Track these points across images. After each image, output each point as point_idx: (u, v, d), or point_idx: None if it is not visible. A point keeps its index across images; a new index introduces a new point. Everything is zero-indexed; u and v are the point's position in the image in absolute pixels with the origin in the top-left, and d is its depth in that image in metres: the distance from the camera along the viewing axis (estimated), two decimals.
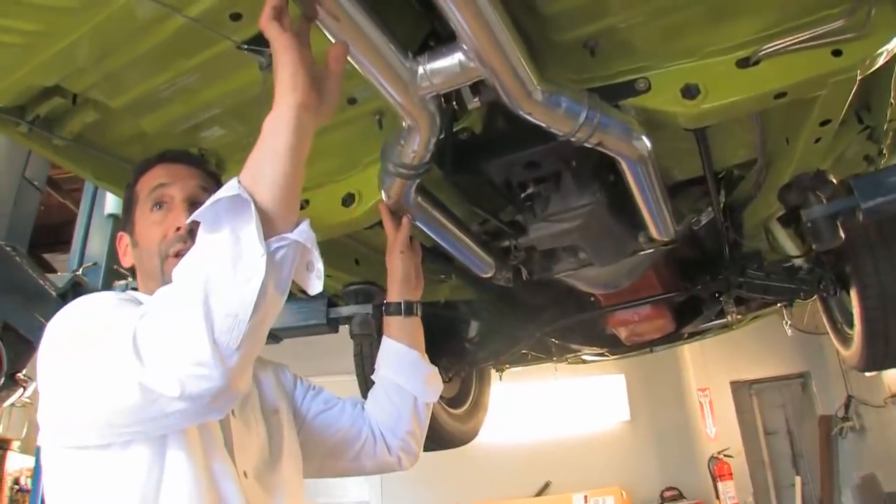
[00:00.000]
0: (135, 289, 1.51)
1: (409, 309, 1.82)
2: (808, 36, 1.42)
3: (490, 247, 2.22)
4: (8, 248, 2.87)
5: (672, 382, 6.96)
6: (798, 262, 2.60)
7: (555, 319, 2.97)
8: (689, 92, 1.51)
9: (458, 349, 3.20)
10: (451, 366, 3.16)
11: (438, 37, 1.42)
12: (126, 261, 1.51)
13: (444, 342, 3.15)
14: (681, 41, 1.52)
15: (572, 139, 1.49)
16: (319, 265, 1.15)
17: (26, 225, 3.73)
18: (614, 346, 3.31)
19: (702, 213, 2.22)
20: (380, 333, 1.88)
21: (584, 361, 3.67)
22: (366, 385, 2.77)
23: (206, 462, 1.23)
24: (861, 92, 1.76)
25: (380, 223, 1.84)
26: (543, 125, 1.46)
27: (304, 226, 1.11)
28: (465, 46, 1.27)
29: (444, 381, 3.19)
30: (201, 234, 1.07)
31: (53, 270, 5.29)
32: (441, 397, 3.21)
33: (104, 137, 1.79)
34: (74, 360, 1.14)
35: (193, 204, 1.38)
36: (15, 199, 3.64)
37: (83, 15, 1.32)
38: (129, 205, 1.49)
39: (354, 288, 2.40)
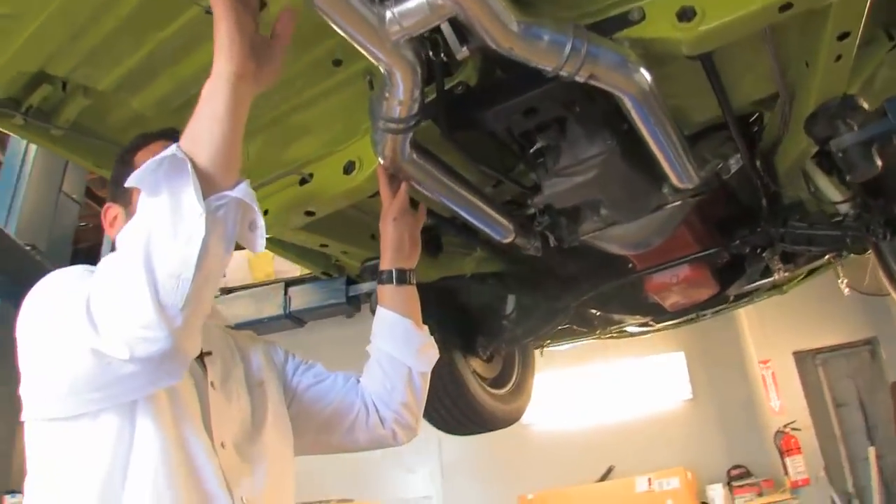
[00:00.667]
0: None
1: (401, 277, 1.76)
2: None
3: (513, 215, 2.13)
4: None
5: (732, 356, 6.70)
6: (844, 209, 2.42)
7: (590, 289, 2.84)
8: (686, 14, 1.38)
9: (495, 327, 3.08)
10: (489, 344, 3.06)
11: None
12: (112, 232, 1.46)
13: (480, 320, 3.06)
14: None
15: (562, 73, 1.38)
16: (261, 222, 1.15)
17: (66, 238, 3.77)
18: (659, 315, 3.17)
19: (729, 159, 2.08)
20: None
21: (630, 334, 3.51)
22: None
23: (178, 432, 1.22)
24: (889, 4, 1.62)
25: None
26: (527, 61, 1.36)
27: (244, 185, 1.13)
28: None
29: (483, 361, 3.16)
30: (142, 198, 1.09)
31: None
32: (483, 378, 3.14)
33: (101, 124, 1.79)
34: (39, 333, 1.17)
35: None
36: (54, 213, 3.69)
37: None
38: (124, 177, 1.45)
39: (372, 263, 2.33)
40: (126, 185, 1.13)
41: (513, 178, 2.05)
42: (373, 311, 2.38)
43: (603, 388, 6.64)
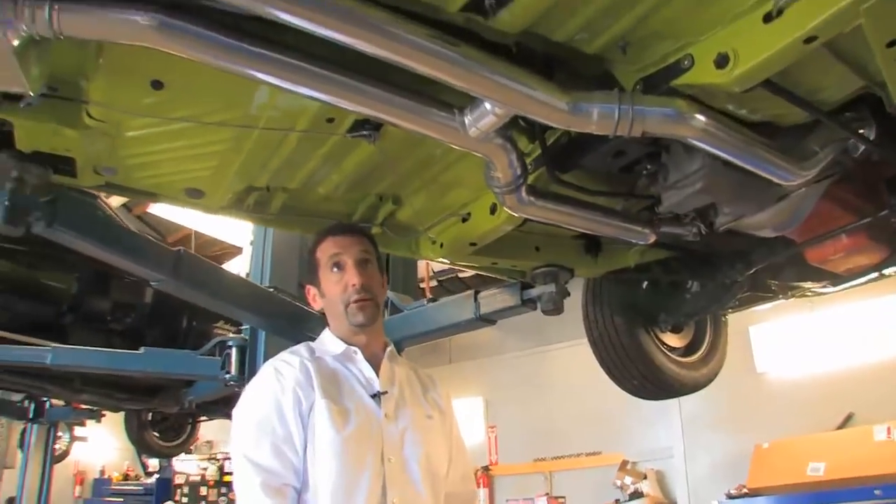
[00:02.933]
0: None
1: None
2: None
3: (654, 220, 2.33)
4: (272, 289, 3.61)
5: None
6: None
7: (754, 264, 2.93)
8: (721, 62, 1.54)
9: (675, 304, 3.26)
10: (670, 318, 3.25)
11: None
12: (315, 306, 2.01)
13: (661, 300, 3.26)
14: (707, 10, 1.53)
15: (621, 135, 1.61)
16: None
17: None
18: (836, 279, 3.14)
19: (845, 146, 2.11)
20: None
21: (815, 294, 3.45)
22: None
23: (357, 449, 1.76)
24: None
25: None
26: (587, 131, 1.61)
27: None
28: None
29: (672, 333, 3.34)
30: None
31: None
32: (672, 348, 3.33)
33: (301, 205, 2.34)
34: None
35: (360, 262, 1.90)
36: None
37: (243, 142, 1.90)
38: (313, 268, 1.97)
39: (540, 271, 2.66)
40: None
41: (636, 194, 2.25)
42: (544, 312, 2.73)
43: (841, 332, 6.25)
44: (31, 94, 1.47)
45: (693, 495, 6.79)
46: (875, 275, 3.15)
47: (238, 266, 6.21)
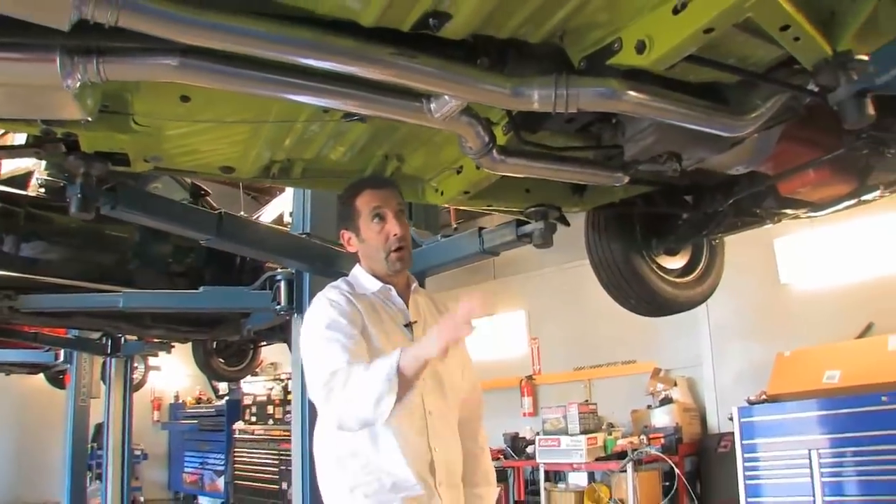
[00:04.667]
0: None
1: None
2: None
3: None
4: (305, 235, 4.11)
5: None
6: None
7: (734, 194, 3.21)
8: (640, 47, 1.83)
9: (666, 230, 3.59)
10: (662, 244, 3.59)
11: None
12: (350, 249, 2.37)
13: (652, 226, 3.59)
14: (629, 2, 1.80)
15: (561, 112, 1.93)
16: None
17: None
18: (814, 207, 3.40)
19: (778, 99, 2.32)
20: None
21: (799, 217, 3.69)
22: None
23: (408, 407, 2.09)
24: None
25: None
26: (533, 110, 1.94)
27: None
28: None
29: (667, 255, 3.67)
30: (379, 374, 1.91)
31: None
32: (666, 269, 3.67)
33: (319, 169, 2.75)
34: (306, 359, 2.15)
35: (399, 213, 2.24)
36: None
37: (260, 131, 2.36)
38: (350, 214, 2.32)
39: (531, 210, 3.03)
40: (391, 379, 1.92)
41: (604, 145, 2.56)
42: (536, 246, 3.10)
43: (864, 244, 6.35)
44: (90, 119, 1.90)
45: (720, 401, 7.13)
46: (854, 201, 3.40)
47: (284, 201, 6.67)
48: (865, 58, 1.98)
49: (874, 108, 2.03)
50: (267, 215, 7.12)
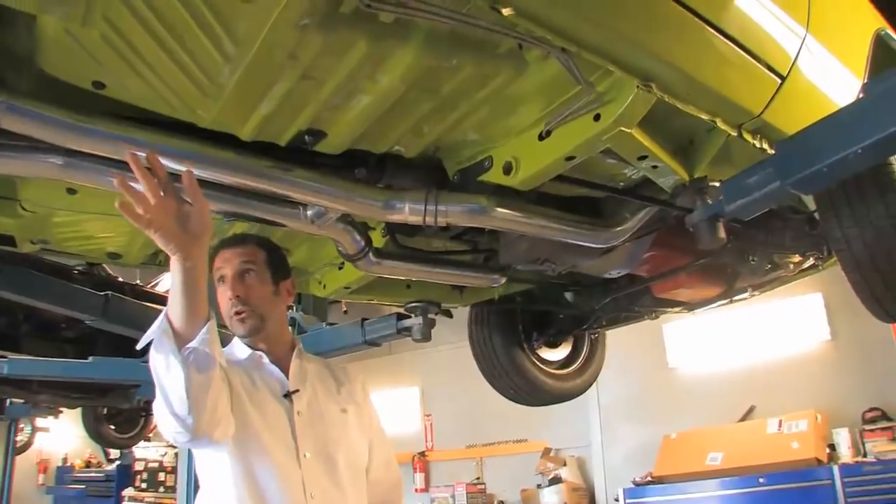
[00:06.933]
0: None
1: None
2: (574, 108, 1.70)
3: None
4: None
5: None
6: None
7: (611, 293, 3.34)
8: (507, 168, 1.92)
9: (546, 325, 3.70)
10: (542, 337, 3.69)
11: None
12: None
13: (532, 321, 3.69)
14: (499, 124, 1.89)
15: (431, 225, 1.98)
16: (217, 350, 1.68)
17: None
18: (686, 306, 3.57)
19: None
20: None
21: (664, 312, 3.85)
22: None
23: (273, 447, 1.83)
24: None
25: None
26: (405, 222, 1.98)
27: (202, 333, 1.60)
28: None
29: (549, 348, 3.74)
30: (152, 352, 1.62)
31: None
32: (546, 362, 3.75)
33: None
34: None
35: (239, 275, 1.93)
36: None
37: None
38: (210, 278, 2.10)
39: (412, 305, 3.05)
40: (140, 344, 1.67)
41: (480, 249, 2.63)
42: (414, 340, 3.11)
43: (747, 331, 6.67)
44: None
45: (609, 480, 7.24)
46: (725, 301, 3.59)
47: None
48: (718, 184, 2.12)
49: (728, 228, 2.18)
50: (164, 284, 6.91)
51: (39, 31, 1.41)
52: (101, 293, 3.51)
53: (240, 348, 2.01)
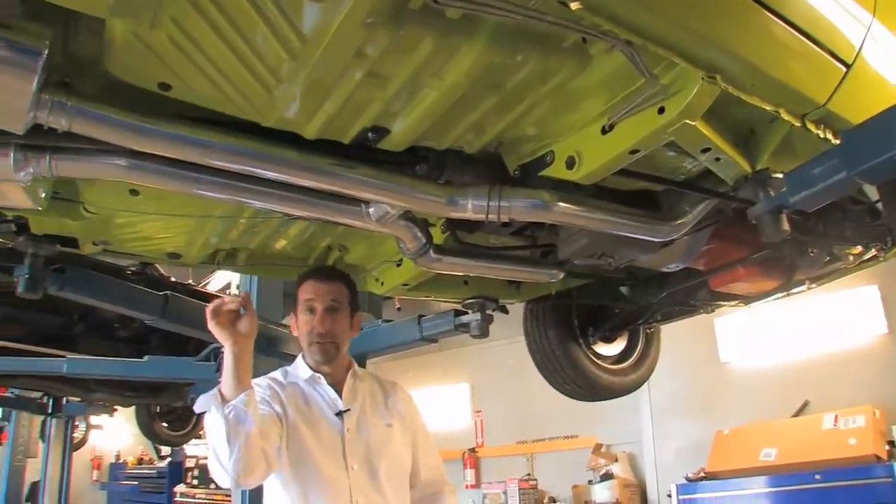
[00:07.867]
0: None
1: None
2: (638, 101, 1.69)
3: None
4: None
5: None
6: None
7: (667, 287, 3.30)
8: (570, 162, 1.92)
9: (602, 319, 3.68)
10: (598, 333, 3.67)
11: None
12: (294, 333, 2.40)
13: (588, 316, 3.67)
14: (562, 119, 1.88)
15: (493, 220, 1.99)
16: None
17: None
18: (743, 300, 3.52)
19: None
20: None
21: (720, 305, 3.79)
22: None
23: (324, 461, 2.16)
24: None
25: None
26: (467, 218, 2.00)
27: (242, 396, 1.95)
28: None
29: (605, 343, 3.73)
30: (206, 414, 1.97)
31: None
32: (602, 357, 3.72)
33: (262, 257, 2.80)
34: None
35: (328, 310, 2.28)
36: None
37: (205, 224, 2.43)
38: (294, 302, 2.38)
39: (469, 301, 3.07)
40: (196, 410, 2.01)
41: (539, 245, 2.63)
42: (472, 336, 3.13)
43: (801, 324, 6.53)
44: (40, 209, 1.93)
45: (661, 477, 7.16)
46: (783, 294, 3.52)
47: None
48: (781, 176, 2.09)
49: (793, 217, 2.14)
50: (215, 283, 7.05)
51: (108, 34, 1.43)
52: (161, 293, 3.57)
53: (302, 368, 2.35)
